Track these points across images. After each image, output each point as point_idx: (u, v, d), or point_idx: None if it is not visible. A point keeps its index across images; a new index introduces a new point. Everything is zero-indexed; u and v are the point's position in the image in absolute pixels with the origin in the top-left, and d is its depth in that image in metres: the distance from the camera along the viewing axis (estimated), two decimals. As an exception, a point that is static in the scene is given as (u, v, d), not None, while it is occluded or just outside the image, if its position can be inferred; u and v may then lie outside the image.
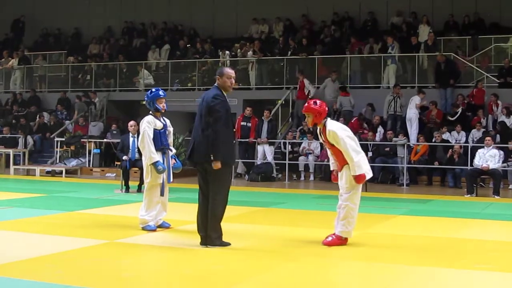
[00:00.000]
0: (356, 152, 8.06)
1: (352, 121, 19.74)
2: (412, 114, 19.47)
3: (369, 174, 8.21)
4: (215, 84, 8.04)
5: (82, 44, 29.98)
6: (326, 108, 8.37)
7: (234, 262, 7.24)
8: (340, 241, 8.19)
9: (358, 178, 8.08)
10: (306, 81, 21.50)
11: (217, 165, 7.62)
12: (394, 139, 18.73)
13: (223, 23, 27.97)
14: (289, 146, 19.83)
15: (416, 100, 19.61)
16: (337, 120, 20.24)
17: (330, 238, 8.23)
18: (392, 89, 20.57)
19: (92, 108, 24.48)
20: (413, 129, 19.41)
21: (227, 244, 7.90)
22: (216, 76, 8.08)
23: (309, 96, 20.91)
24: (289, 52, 23.64)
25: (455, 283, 6.65)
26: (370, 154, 18.58)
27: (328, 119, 8.32)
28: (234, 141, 8.36)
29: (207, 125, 7.72)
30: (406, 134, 19.16)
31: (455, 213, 12.36)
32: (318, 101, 8.37)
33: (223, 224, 7.94)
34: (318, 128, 8.36)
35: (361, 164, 8.07)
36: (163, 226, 9.44)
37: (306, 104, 8.40)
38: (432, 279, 6.67)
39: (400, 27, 24.02)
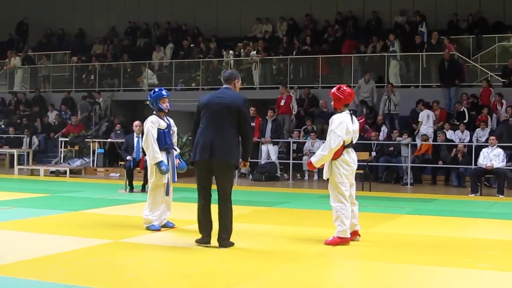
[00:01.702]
0: (328, 149, 8.15)
1: (360, 121, 19.66)
2: (429, 130, 19.31)
3: (324, 176, 8.36)
4: (229, 86, 8.04)
5: (86, 44, 30.01)
6: (350, 97, 8.47)
7: (238, 262, 7.25)
8: (341, 239, 8.20)
9: (309, 163, 8.52)
10: (293, 96, 21.40)
11: (246, 164, 8.10)
12: (398, 138, 18.70)
13: (227, 23, 27.98)
14: (294, 145, 19.81)
15: (432, 115, 19.50)
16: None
17: (331, 238, 8.25)
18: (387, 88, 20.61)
19: (97, 108, 24.51)
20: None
21: (232, 244, 7.90)
22: (234, 78, 8.11)
23: (293, 112, 20.99)
24: (294, 52, 23.62)
25: (459, 282, 6.64)
26: (374, 154, 18.60)
27: (346, 111, 8.37)
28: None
29: (244, 129, 7.82)
30: (411, 133, 19.14)
31: (459, 212, 12.35)
32: (344, 87, 8.49)
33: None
34: None
35: (322, 159, 8.24)
36: (168, 226, 9.44)
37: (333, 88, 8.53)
38: (436, 279, 6.66)
39: (403, 26, 24.00)
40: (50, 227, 9.55)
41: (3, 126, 25.30)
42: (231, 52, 24.34)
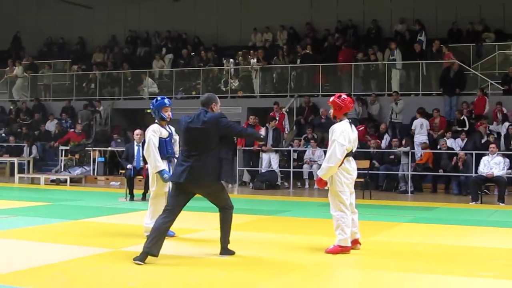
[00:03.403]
0: (335, 160, 8.08)
1: (360, 129, 19.71)
2: (423, 138, 19.34)
3: (333, 169, 8.19)
4: (207, 109, 7.83)
5: (86, 53, 30.06)
6: (350, 106, 8.45)
7: (238, 271, 7.24)
8: (342, 248, 8.19)
9: (319, 180, 8.28)
10: (285, 115, 21.38)
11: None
12: (399, 148, 18.63)
13: (227, 32, 28.05)
14: (295, 154, 19.79)
15: (426, 124, 19.52)
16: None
17: (332, 246, 8.25)
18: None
19: (97, 117, 24.53)
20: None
21: (232, 252, 7.91)
22: (212, 103, 7.90)
23: (286, 131, 20.98)
24: (298, 61, 23.63)
25: (460, 291, 6.65)
26: (375, 163, 18.61)
27: (346, 120, 8.36)
28: None
29: (225, 148, 7.72)
30: (411, 142, 19.16)
31: (460, 220, 12.35)
32: (343, 96, 8.48)
33: (233, 232, 7.98)
34: None
35: (329, 171, 8.13)
36: (168, 235, 9.42)
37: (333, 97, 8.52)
38: (437, 287, 6.66)
39: (403, 35, 24.04)
40: (50, 236, 9.55)
41: (3, 134, 25.29)
42: (231, 60, 24.37)
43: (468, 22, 23.65)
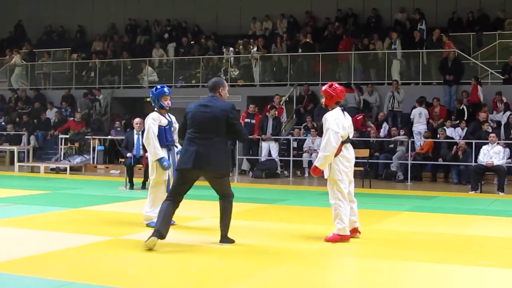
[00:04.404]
0: (331, 149, 8.07)
1: (358, 118, 19.72)
2: (422, 127, 19.36)
3: (325, 175, 8.29)
4: (215, 94, 7.91)
5: (86, 41, 30.00)
6: (342, 95, 8.46)
7: (238, 259, 7.25)
8: (341, 237, 8.20)
9: (314, 169, 8.26)
10: (284, 111, 21.28)
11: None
12: (396, 137, 18.57)
13: (227, 20, 27.96)
14: (295, 143, 19.80)
15: (424, 113, 19.50)
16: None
17: (331, 235, 8.25)
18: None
19: (97, 105, 24.50)
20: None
21: (232, 241, 7.91)
22: (219, 87, 7.96)
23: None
24: (300, 50, 23.57)
25: (459, 279, 6.65)
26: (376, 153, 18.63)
27: (338, 108, 8.35)
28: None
29: (234, 129, 7.78)
30: (410, 131, 19.16)
31: (460, 209, 12.36)
32: (335, 85, 8.51)
33: (232, 221, 7.98)
34: None
35: (326, 160, 8.13)
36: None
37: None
38: (437, 276, 6.67)
39: (403, 24, 23.99)
40: (50, 224, 9.56)
41: (3, 123, 25.28)
42: (231, 49, 24.34)
43: (469, 11, 23.56)
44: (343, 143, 8.21)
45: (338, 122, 8.16)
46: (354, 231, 8.44)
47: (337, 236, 8.20)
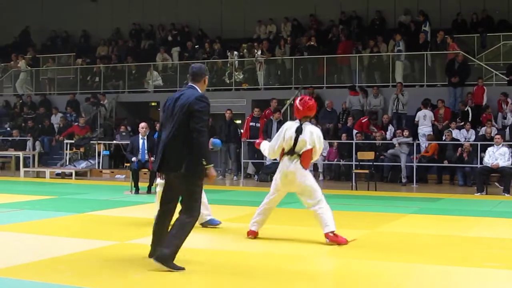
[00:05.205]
0: (266, 152, 8.66)
1: (363, 121, 19.72)
2: (427, 130, 19.34)
3: (265, 152, 8.74)
4: (193, 84, 7.00)
5: (91, 46, 30.06)
6: (309, 111, 8.39)
7: (242, 261, 7.25)
8: (337, 237, 8.18)
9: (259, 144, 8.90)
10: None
11: (212, 172, 6.71)
12: (399, 139, 18.49)
13: (231, 24, 27.97)
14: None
15: (429, 115, 19.48)
16: (346, 119, 20.30)
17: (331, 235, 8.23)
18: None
19: (102, 110, 24.54)
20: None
21: (180, 268, 6.66)
22: (205, 75, 7.07)
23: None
24: (306, 53, 23.56)
25: (465, 281, 6.64)
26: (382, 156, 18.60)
27: (307, 123, 8.34)
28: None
29: (197, 130, 6.55)
30: (415, 133, 19.14)
31: (465, 211, 12.35)
32: (306, 99, 8.49)
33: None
34: None
35: (264, 152, 8.73)
36: (213, 223, 9.50)
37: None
38: (442, 278, 6.66)
39: (408, 26, 23.97)
40: (56, 229, 9.57)
41: (8, 128, 25.34)
42: (235, 53, 24.36)
43: (473, 12, 23.57)
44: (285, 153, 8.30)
45: (279, 133, 8.38)
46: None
47: (334, 237, 8.16)
